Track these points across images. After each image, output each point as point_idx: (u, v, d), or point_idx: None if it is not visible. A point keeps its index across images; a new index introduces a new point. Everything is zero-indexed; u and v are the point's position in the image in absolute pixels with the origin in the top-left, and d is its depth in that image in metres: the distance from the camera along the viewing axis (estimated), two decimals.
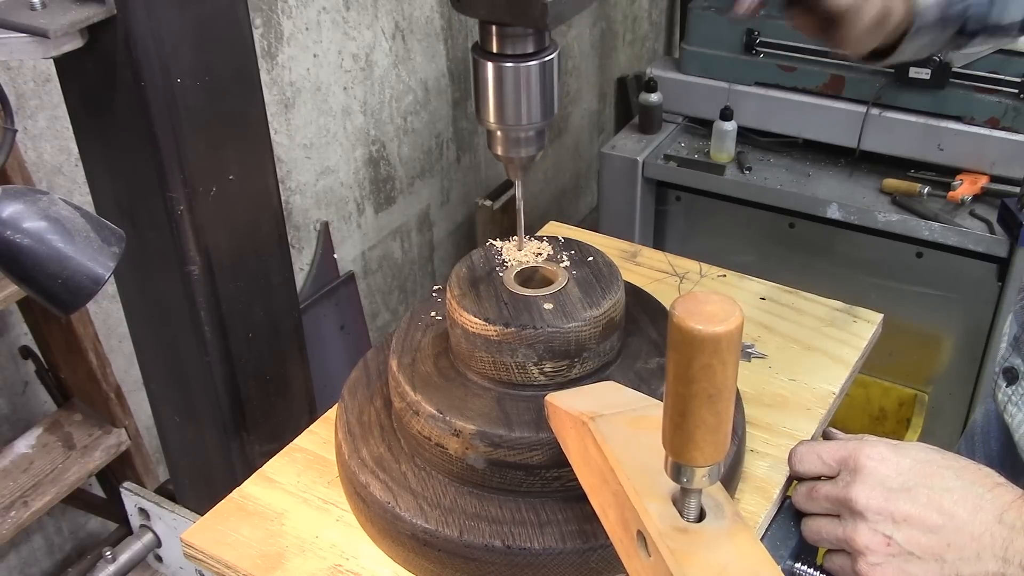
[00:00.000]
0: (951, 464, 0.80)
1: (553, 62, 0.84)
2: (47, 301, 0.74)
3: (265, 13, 1.96)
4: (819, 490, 0.84)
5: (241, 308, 1.04)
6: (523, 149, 0.88)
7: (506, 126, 0.86)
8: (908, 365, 2.56)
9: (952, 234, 2.34)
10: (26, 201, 0.73)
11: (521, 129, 0.86)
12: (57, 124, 1.62)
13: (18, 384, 1.72)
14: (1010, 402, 1.14)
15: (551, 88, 0.85)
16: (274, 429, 1.11)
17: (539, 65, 0.83)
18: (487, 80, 0.84)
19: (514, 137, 0.87)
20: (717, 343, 0.57)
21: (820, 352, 1.11)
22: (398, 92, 2.40)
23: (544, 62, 0.83)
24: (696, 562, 0.62)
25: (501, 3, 0.78)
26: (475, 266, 0.93)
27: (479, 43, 0.84)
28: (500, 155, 0.89)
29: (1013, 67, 2.29)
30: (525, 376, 0.86)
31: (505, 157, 0.89)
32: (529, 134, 0.87)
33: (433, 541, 0.84)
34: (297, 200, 2.18)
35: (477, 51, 0.84)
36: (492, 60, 0.83)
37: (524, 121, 0.85)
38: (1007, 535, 0.75)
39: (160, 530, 1.13)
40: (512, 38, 0.82)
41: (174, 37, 0.87)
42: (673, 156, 2.66)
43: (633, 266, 1.25)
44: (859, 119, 2.44)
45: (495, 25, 0.81)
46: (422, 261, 2.71)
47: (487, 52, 0.83)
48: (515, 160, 0.88)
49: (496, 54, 0.82)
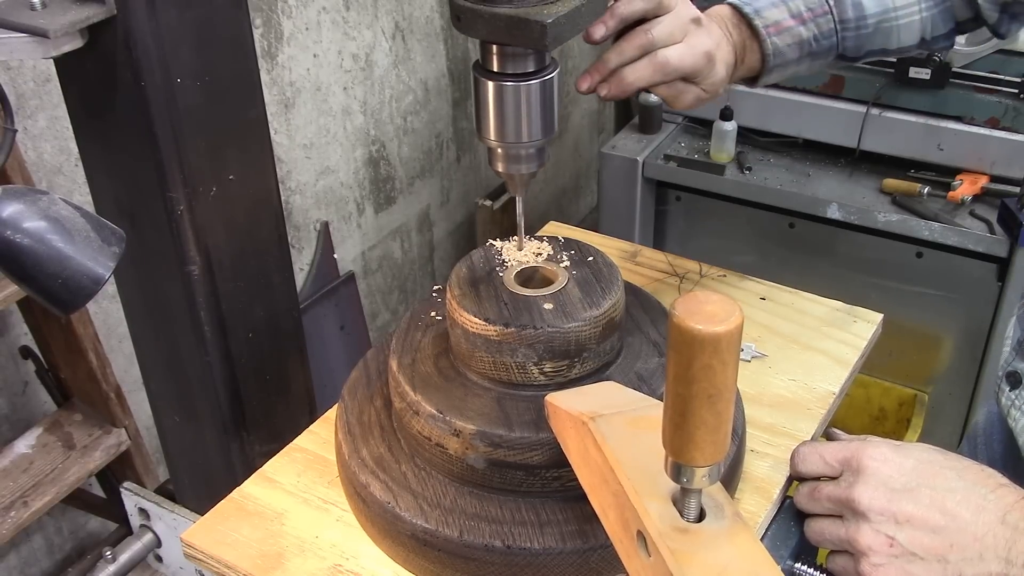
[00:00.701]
0: (954, 465, 0.80)
1: (553, 81, 0.85)
2: (47, 301, 0.74)
3: (265, 13, 1.96)
4: (822, 491, 0.84)
5: (241, 308, 1.04)
6: (523, 166, 0.89)
7: (507, 143, 0.87)
8: (908, 365, 2.56)
9: (952, 234, 2.34)
10: (26, 201, 0.73)
11: (521, 146, 0.87)
12: (57, 124, 1.61)
13: (18, 384, 1.72)
14: (1013, 406, 1.14)
15: (551, 106, 0.86)
16: (274, 429, 1.11)
17: (539, 84, 0.84)
18: (488, 98, 0.85)
19: (514, 154, 0.88)
20: (717, 343, 0.57)
21: (820, 352, 1.11)
22: (398, 92, 2.40)
23: (544, 81, 0.84)
24: (696, 562, 0.62)
25: (501, 25, 0.79)
26: (475, 266, 0.93)
27: (480, 61, 0.84)
28: (501, 172, 0.90)
29: (1013, 67, 2.28)
30: (525, 376, 0.86)
31: (506, 174, 0.90)
32: (530, 151, 0.88)
33: (433, 541, 0.84)
34: (297, 200, 2.17)
35: (478, 69, 0.85)
36: (493, 79, 0.84)
37: (524, 139, 0.86)
38: (1010, 536, 0.75)
39: (160, 530, 1.13)
40: (512, 57, 0.83)
41: (174, 37, 0.87)
42: (673, 156, 2.66)
43: (633, 266, 1.25)
44: (859, 119, 2.44)
45: (496, 44, 0.82)
46: (422, 261, 2.71)
47: (488, 71, 0.84)
48: (516, 177, 0.89)
49: (497, 73, 0.84)
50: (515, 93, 0.84)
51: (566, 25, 0.79)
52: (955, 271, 2.41)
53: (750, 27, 1.04)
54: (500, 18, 0.79)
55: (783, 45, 1.05)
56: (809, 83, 2.51)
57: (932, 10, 1.10)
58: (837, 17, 1.06)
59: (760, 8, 1.05)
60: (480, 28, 0.80)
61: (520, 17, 0.78)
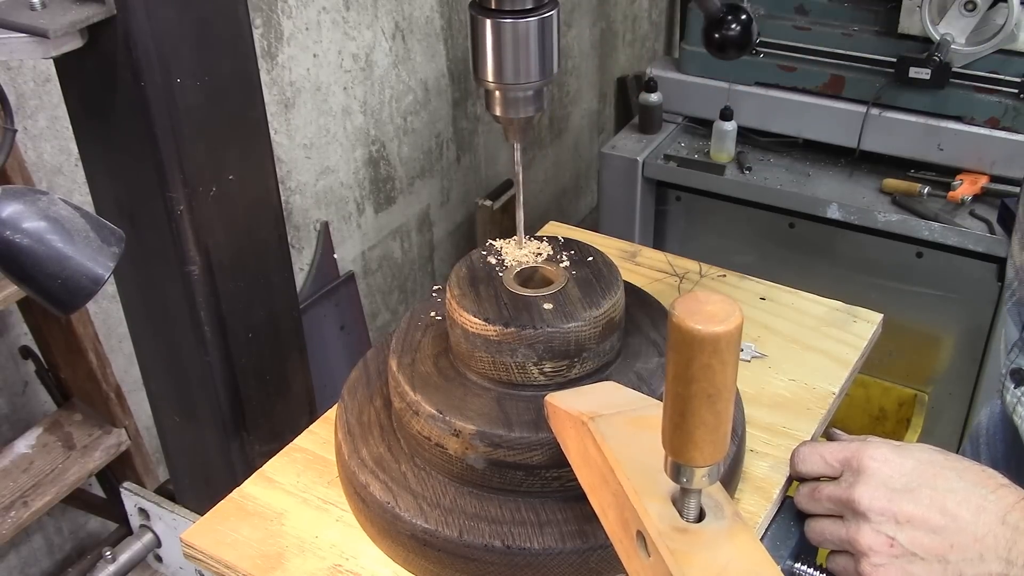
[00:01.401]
0: (954, 465, 0.80)
1: (553, 19, 0.82)
2: (47, 301, 0.74)
3: (265, 13, 1.96)
4: (822, 491, 0.84)
5: (241, 308, 1.04)
6: (522, 109, 0.86)
7: (504, 84, 0.84)
8: (908, 365, 2.56)
9: (952, 234, 2.34)
10: (26, 201, 0.73)
11: (519, 88, 0.84)
12: (57, 124, 1.61)
13: (18, 384, 1.72)
14: (1019, 403, 1.14)
15: (551, 46, 0.83)
16: (274, 429, 1.11)
17: (538, 21, 0.81)
18: (485, 37, 0.82)
19: (512, 97, 0.85)
20: (717, 343, 0.57)
21: (820, 352, 1.11)
22: (398, 92, 2.40)
23: (543, 18, 0.82)
24: (696, 562, 0.62)
25: None
26: (475, 266, 0.93)
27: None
28: (499, 116, 0.87)
29: (1013, 67, 2.28)
30: (525, 376, 0.86)
31: (504, 118, 0.87)
32: (528, 93, 0.85)
33: (433, 541, 0.84)
34: (297, 200, 2.17)
35: (475, 7, 0.82)
36: (490, 16, 0.81)
37: (522, 79, 0.84)
38: (1010, 536, 0.75)
39: (160, 530, 1.13)
40: None
41: (174, 37, 0.87)
42: (673, 156, 2.66)
43: (633, 266, 1.25)
44: (859, 119, 2.44)
45: None
46: (422, 261, 2.71)
47: (485, 8, 0.82)
48: (514, 121, 0.87)
49: (494, 10, 0.81)
50: (513, 31, 0.81)
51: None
52: (955, 271, 2.41)
53: None
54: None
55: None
56: (809, 83, 2.51)
57: None
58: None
59: None
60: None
61: None
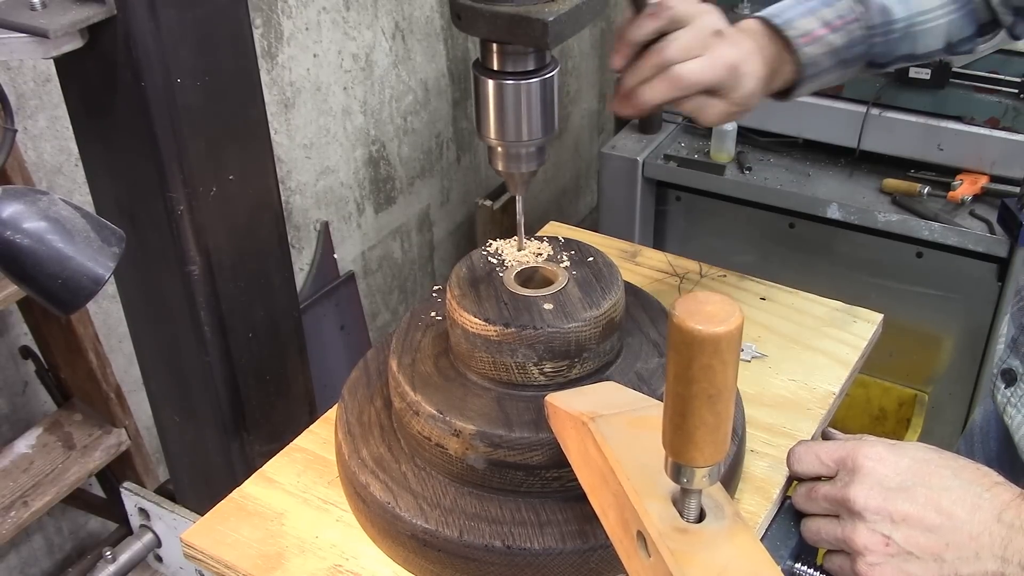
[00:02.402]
0: (949, 463, 0.80)
1: (554, 79, 0.85)
2: (47, 301, 0.74)
3: (265, 13, 1.96)
4: (818, 490, 0.84)
5: (241, 308, 1.04)
6: (524, 164, 0.89)
7: (507, 142, 0.86)
8: (908, 365, 2.56)
9: (952, 234, 2.34)
10: (26, 201, 0.73)
11: (522, 145, 0.87)
12: (57, 124, 1.61)
13: (18, 384, 1.72)
14: (1009, 403, 1.14)
15: (552, 105, 0.86)
16: (274, 429, 1.11)
17: (540, 82, 0.84)
18: (488, 97, 0.85)
19: (515, 153, 0.88)
20: (717, 343, 0.57)
21: (820, 352, 1.11)
22: (398, 92, 2.40)
23: (545, 79, 0.84)
24: (696, 562, 0.62)
25: (502, 23, 0.79)
26: (475, 266, 0.93)
27: (480, 60, 0.84)
28: (501, 170, 0.90)
29: (1013, 67, 2.28)
30: (525, 376, 0.86)
31: (506, 172, 0.90)
32: (530, 150, 0.88)
33: (433, 541, 0.84)
34: (297, 200, 2.18)
35: (478, 68, 0.85)
36: (493, 77, 0.84)
37: (525, 137, 0.86)
38: (1006, 534, 0.75)
39: (160, 530, 1.13)
40: (513, 56, 0.83)
41: (174, 37, 0.87)
42: (673, 156, 2.66)
43: (633, 266, 1.25)
44: (859, 119, 2.44)
45: (496, 43, 0.82)
46: (422, 261, 2.71)
47: (488, 69, 0.84)
48: (516, 175, 0.89)
49: (497, 71, 0.83)
50: (515, 91, 0.84)
51: (567, 23, 0.79)
52: (955, 271, 2.41)
53: (782, 38, 1.03)
54: (501, 16, 0.79)
55: (817, 54, 1.03)
56: None
57: (955, 14, 1.09)
58: (866, 23, 1.06)
59: (791, 19, 1.03)
60: (481, 27, 0.80)
61: (521, 15, 0.78)
